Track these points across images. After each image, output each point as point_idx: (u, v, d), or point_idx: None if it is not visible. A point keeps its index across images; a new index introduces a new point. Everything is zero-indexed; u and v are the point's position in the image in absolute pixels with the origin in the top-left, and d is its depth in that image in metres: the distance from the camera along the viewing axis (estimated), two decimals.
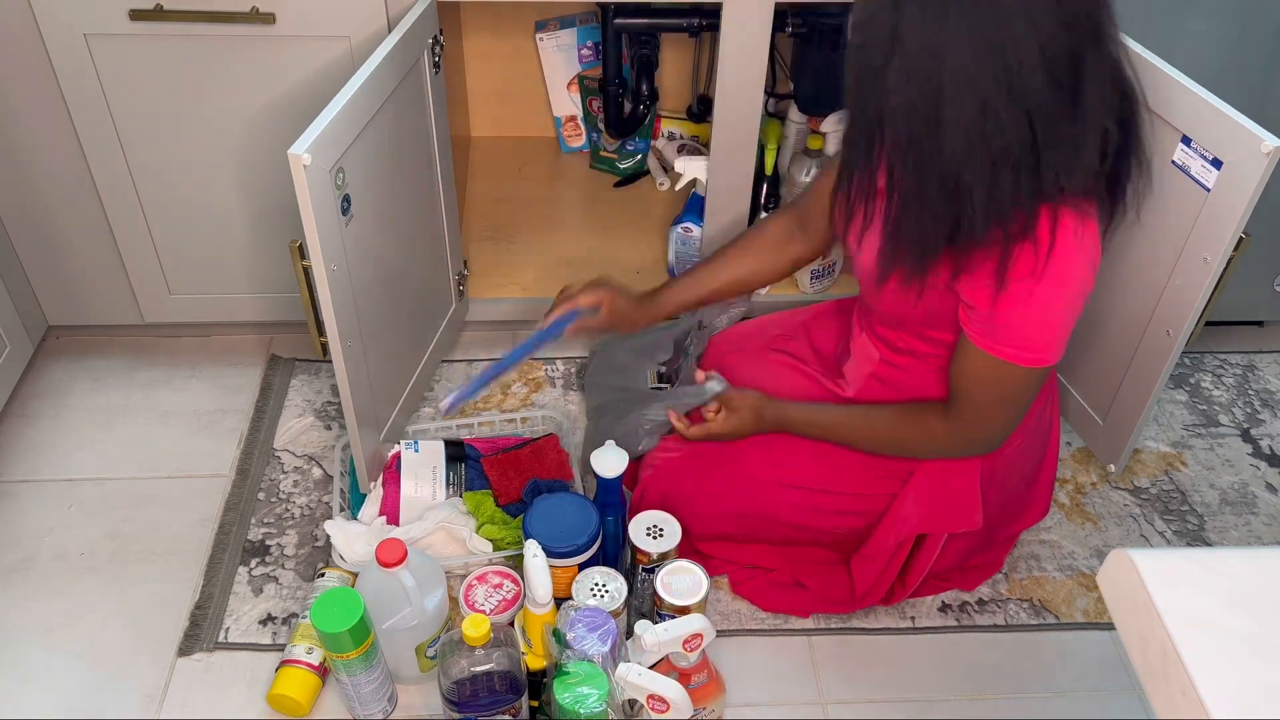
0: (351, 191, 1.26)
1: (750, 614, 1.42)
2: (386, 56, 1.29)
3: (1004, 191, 1.02)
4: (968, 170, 1.01)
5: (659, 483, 1.41)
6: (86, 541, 1.49)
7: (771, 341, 1.52)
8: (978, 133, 0.99)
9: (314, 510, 1.54)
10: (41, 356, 1.78)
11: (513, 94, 2.19)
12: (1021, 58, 0.96)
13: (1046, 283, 1.06)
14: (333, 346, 1.29)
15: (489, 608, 1.29)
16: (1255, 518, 1.59)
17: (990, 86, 0.97)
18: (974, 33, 0.96)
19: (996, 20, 0.95)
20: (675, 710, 1.15)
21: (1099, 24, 0.99)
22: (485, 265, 1.89)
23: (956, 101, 0.98)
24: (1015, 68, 0.96)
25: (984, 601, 1.45)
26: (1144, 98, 1.09)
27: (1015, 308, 1.09)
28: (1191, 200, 1.30)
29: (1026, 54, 0.96)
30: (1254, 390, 1.81)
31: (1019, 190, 1.02)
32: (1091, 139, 1.02)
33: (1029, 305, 1.08)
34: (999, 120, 0.98)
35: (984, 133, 0.99)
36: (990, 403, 1.19)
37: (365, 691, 1.23)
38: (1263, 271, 1.74)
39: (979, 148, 1.00)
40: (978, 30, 0.96)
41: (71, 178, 1.55)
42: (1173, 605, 0.51)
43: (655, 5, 1.92)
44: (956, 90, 0.98)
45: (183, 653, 1.36)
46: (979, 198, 1.02)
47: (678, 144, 2.14)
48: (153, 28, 1.40)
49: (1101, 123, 1.02)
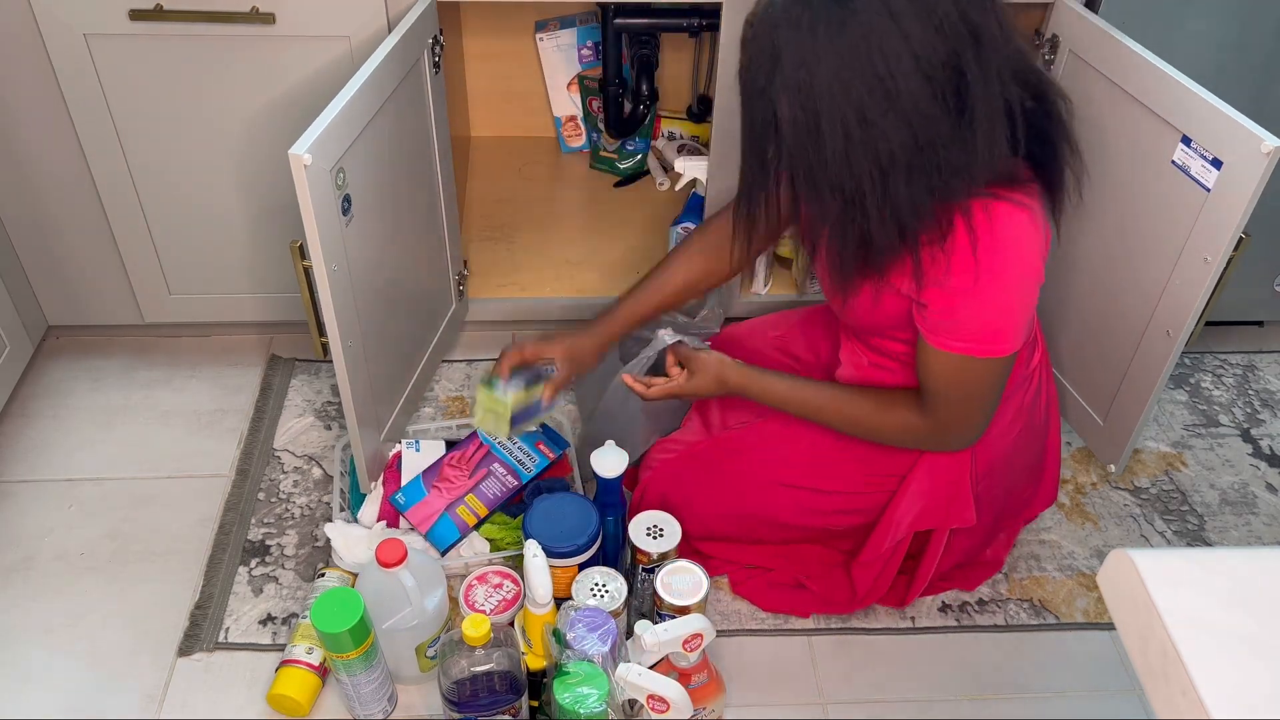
0: (352, 191, 1.26)
1: (750, 614, 1.42)
2: (386, 56, 1.29)
3: (898, 196, 1.04)
4: (855, 179, 1.04)
5: (658, 484, 1.41)
6: (86, 541, 1.49)
7: (771, 342, 1.53)
8: (858, 142, 1.01)
9: (314, 510, 1.54)
10: (41, 356, 1.78)
11: (513, 94, 2.19)
12: (893, 67, 0.98)
13: (986, 274, 1.08)
14: (333, 346, 1.29)
15: (489, 608, 1.29)
16: (1255, 518, 1.59)
17: (864, 97, 0.99)
18: (843, 47, 0.98)
19: (864, 34, 0.98)
20: (675, 710, 1.15)
21: (975, 25, 1.00)
22: (485, 265, 1.89)
23: (832, 113, 1.01)
24: (888, 76, 0.98)
25: (984, 601, 1.45)
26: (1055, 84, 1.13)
27: (962, 302, 1.11)
28: (1191, 200, 1.30)
29: (898, 62, 0.98)
30: (1254, 390, 1.81)
31: (914, 192, 1.04)
32: (987, 133, 1.03)
33: (974, 298, 1.10)
34: (877, 128, 1.00)
35: (864, 141, 1.01)
36: (959, 398, 1.19)
37: (365, 691, 1.23)
38: (1263, 271, 1.74)
39: (863, 156, 1.02)
40: (846, 44, 0.98)
41: (71, 178, 1.55)
42: (1173, 605, 0.51)
43: (655, 5, 1.92)
44: (831, 102, 1.00)
45: (183, 653, 1.36)
46: (872, 204, 1.05)
47: (678, 144, 2.14)
48: (153, 28, 1.40)
49: (997, 116, 1.03)
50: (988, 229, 1.07)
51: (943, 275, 1.10)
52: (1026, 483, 1.45)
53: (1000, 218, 1.08)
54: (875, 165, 1.02)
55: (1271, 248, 1.68)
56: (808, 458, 1.36)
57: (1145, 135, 1.35)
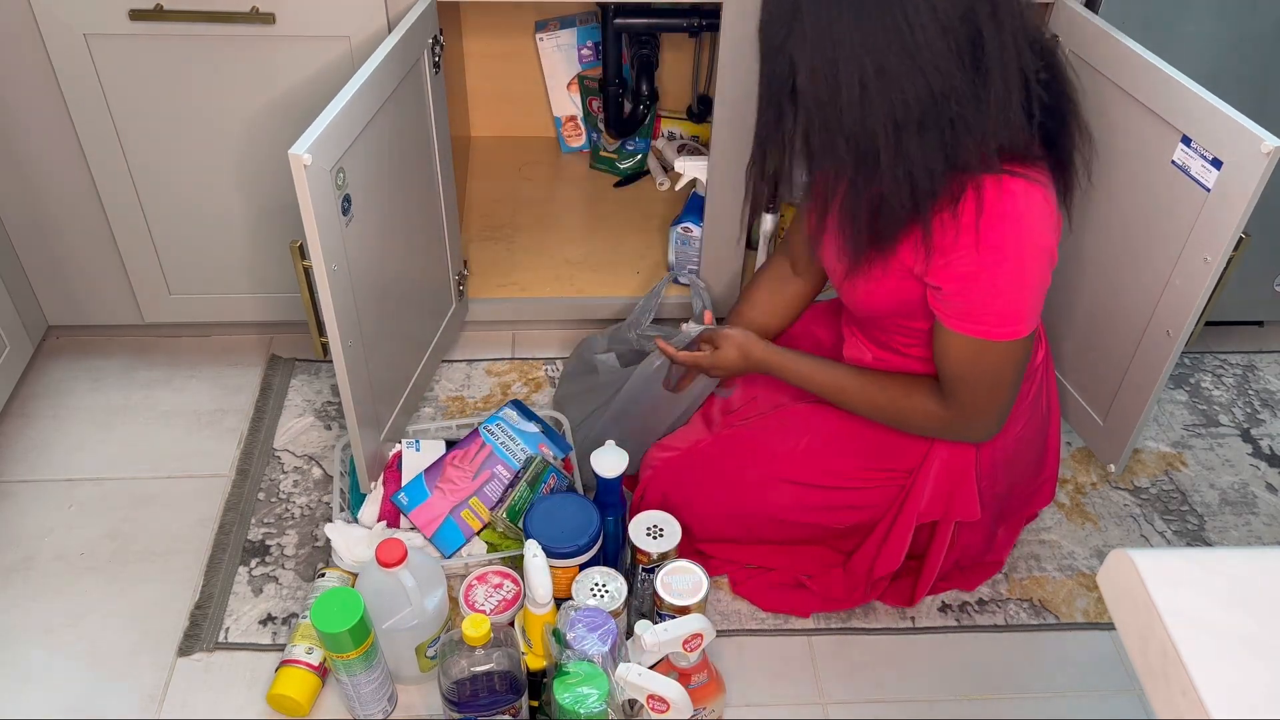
0: (352, 191, 1.26)
1: (750, 614, 1.42)
2: (386, 57, 1.29)
3: (911, 152, 1.05)
4: (871, 133, 1.04)
5: (659, 483, 1.41)
6: (86, 541, 1.49)
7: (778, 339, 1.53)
8: (874, 92, 1.02)
9: (314, 510, 1.54)
10: (41, 356, 1.78)
11: (513, 94, 2.19)
12: (911, 18, 0.99)
13: (997, 250, 1.08)
14: (333, 346, 1.29)
15: (489, 608, 1.29)
16: (1255, 518, 1.59)
17: (883, 47, 1.00)
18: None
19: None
20: (675, 710, 1.15)
21: None
22: (485, 265, 1.89)
23: (849, 62, 1.02)
24: (907, 28, 0.99)
25: (984, 601, 1.45)
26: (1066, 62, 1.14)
27: (976, 283, 1.11)
28: (1191, 200, 1.30)
29: (916, 13, 0.99)
30: (1254, 390, 1.81)
31: (927, 150, 1.04)
32: (1001, 95, 1.04)
33: (988, 278, 1.10)
34: (894, 79, 1.01)
35: (880, 91, 1.02)
36: (978, 383, 1.19)
37: (365, 691, 1.23)
38: (1263, 271, 1.74)
39: (879, 107, 1.03)
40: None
41: (71, 178, 1.55)
42: (1173, 605, 0.51)
43: (655, 5, 1.92)
44: (849, 50, 1.01)
45: (183, 653, 1.36)
46: (885, 161, 1.05)
47: (678, 144, 2.14)
48: (153, 28, 1.40)
49: (1013, 79, 1.04)
50: (999, 204, 1.07)
51: (951, 248, 1.09)
52: (1028, 480, 1.45)
53: (1013, 193, 1.07)
54: (890, 118, 1.03)
55: (1271, 248, 1.68)
56: (807, 453, 1.35)
57: (1145, 135, 1.35)
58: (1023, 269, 1.10)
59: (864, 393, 1.29)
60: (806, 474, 1.36)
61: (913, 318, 1.23)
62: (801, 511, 1.38)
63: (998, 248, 1.08)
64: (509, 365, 1.79)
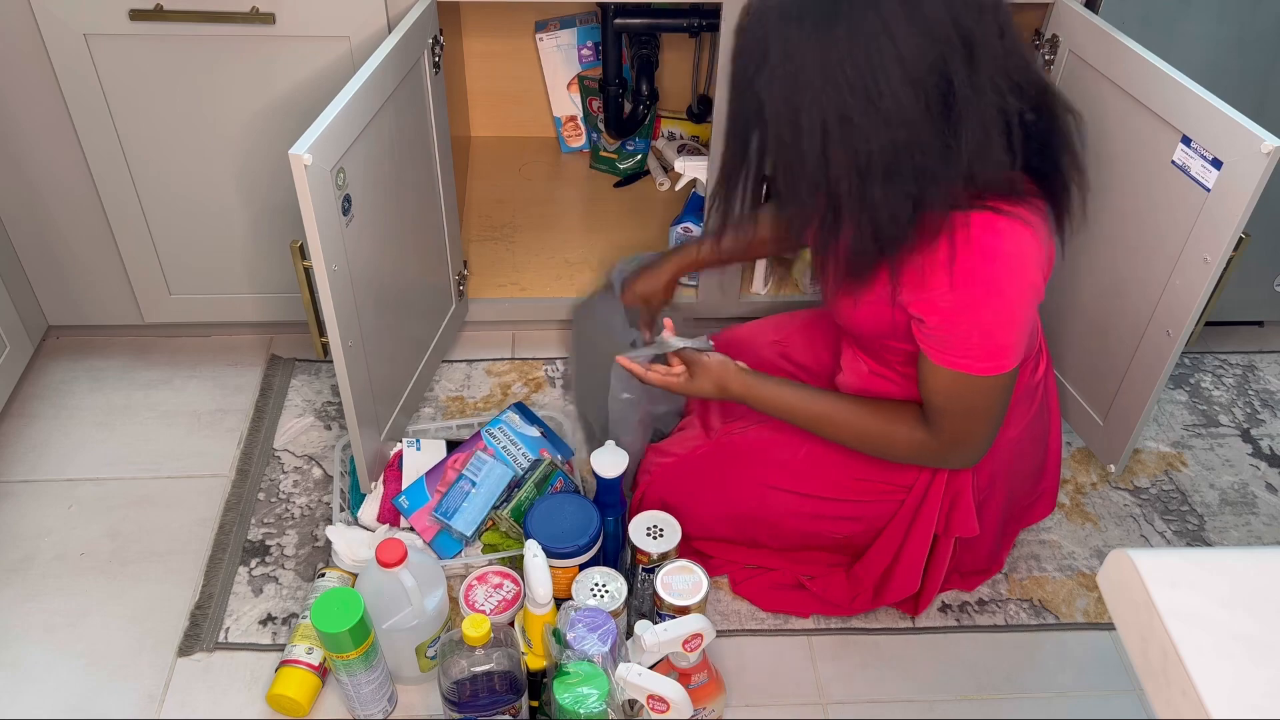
0: (352, 191, 1.26)
1: (750, 614, 1.42)
2: (386, 57, 1.29)
3: (874, 200, 1.02)
4: (833, 179, 1.02)
5: (656, 489, 1.41)
6: (86, 541, 1.49)
7: (771, 347, 1.52)
8: (836, 140, 1.00)
9: (314, 510, 1.54)
10: (41, 356, 1.78)
11: (513, 94, 2.20)
12: (876, 68, 0.97)
13: (977, 288, 1.06)
14: (333, 346, 1.29)
15: (489, 608, 1.29)
16: (1255, 518, 1.59)
17: (845, 95, 0.98)
18: (828, 42, 0.97)
19: (851, 32, 0.97)
20: (675, 710, 1.15)
21: (968, 32, 0.98)
22: (485, 265, 1.89)
23: (812, 108, 1.00)
24: (870, 77, 0.97)
25: (984, 601, 1.45)
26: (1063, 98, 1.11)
27: (958, 319, 1.09)
28: (1191, 200, 1.30)
29: (882, 64, 0.97)
30: (1254, 390, 1.81)
31: (891, 199, 1.02)
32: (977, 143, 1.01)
33: (971, 315, 1.08)
34: (856, 128, 0.99)
35: (842, 140, 1.00)
36: (960, 414, 1.17)
37: (365, 691, 1.23)
38: (1263, 271, 1.74)
39: (841, 156, 1.01)
40: (832, 40, 0.97)
41: (71, 178, 1.55)
42: (1173, 605, 0.51)
43: (655, 5, 1.92)
44: (812, 97, 0.99)
45: (183, 653, 1.36)
46: (848, 208, 1.04)
47: (678, 144, 2.14)
48: (153, 28, 1.40)
49: (991, 126, 1.01)
50: (979, 243, 1.05)
51: (929, 285, 1.07)
52: (1028, 489, 1.45)
53: (997, 231, 1.05)
54: (853, 167, 1.01)
55: (1271, 248, 1.68)
56: (804, 464, 1.35)
57: (1145, 135, 1.35)
58: (1006, 306, 1.08)
59: (848, 423, 1.25)
60: (805, 484, 1.35)
61: (901, 340, 1.21)
62: (799, 520, 1.37)
63: (979, 284, 1.06)
64: (509, 365, 1.79)
